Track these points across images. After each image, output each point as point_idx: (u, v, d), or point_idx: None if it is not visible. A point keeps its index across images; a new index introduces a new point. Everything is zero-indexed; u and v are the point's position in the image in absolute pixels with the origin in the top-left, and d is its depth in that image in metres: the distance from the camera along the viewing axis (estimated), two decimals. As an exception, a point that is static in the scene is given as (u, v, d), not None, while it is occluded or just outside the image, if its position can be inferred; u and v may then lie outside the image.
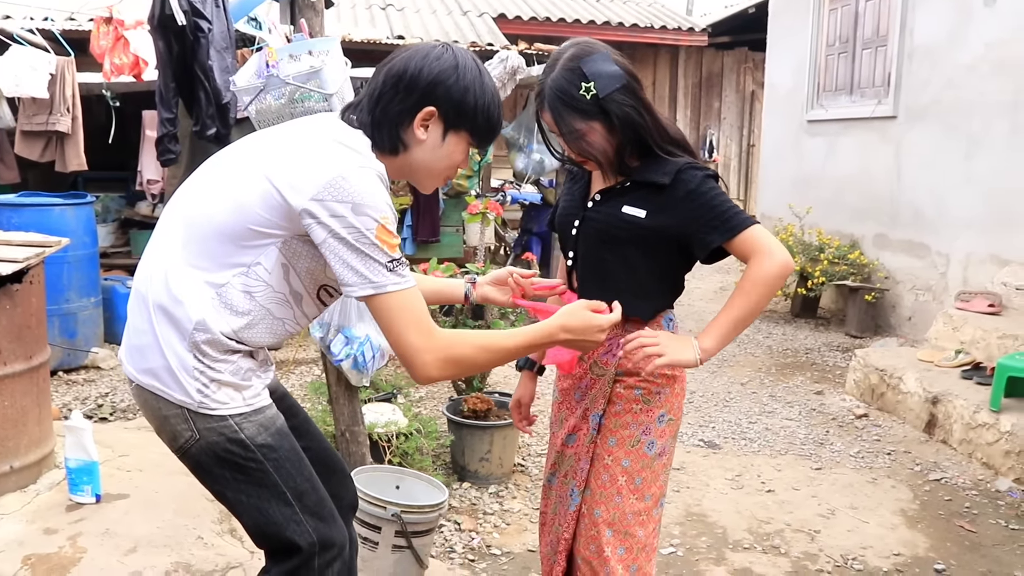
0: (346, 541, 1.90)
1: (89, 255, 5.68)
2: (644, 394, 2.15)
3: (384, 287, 1.62)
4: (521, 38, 10.30)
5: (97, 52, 5.72)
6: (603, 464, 2.16)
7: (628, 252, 2.10)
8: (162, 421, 1.76)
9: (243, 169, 1.73)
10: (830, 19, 8.11)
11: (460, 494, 3.81)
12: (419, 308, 1.66)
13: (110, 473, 3.42)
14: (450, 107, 1.73)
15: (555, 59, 2.05)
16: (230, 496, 1.80)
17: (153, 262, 1.75)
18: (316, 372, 5.64)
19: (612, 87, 1.99)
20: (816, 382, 5.86)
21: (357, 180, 1.61)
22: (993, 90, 5.99)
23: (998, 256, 5.94)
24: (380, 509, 2.70)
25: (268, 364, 1.88)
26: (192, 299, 1.68)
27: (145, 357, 1.74)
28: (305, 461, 1.85)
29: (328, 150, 1.67)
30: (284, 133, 1.79)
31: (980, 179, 6.12)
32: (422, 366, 1.66)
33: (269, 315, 1.75)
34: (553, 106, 2.02)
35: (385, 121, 1.73)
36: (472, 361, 1.73)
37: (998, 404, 4.29)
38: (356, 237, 1.59)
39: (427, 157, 1.78)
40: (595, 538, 2.15)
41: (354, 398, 3.32)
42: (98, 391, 5.11)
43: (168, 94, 4.18)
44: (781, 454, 4.51)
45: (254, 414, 1.77)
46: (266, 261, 1.69)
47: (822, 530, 3.63)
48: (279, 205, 1.64)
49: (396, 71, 1.73)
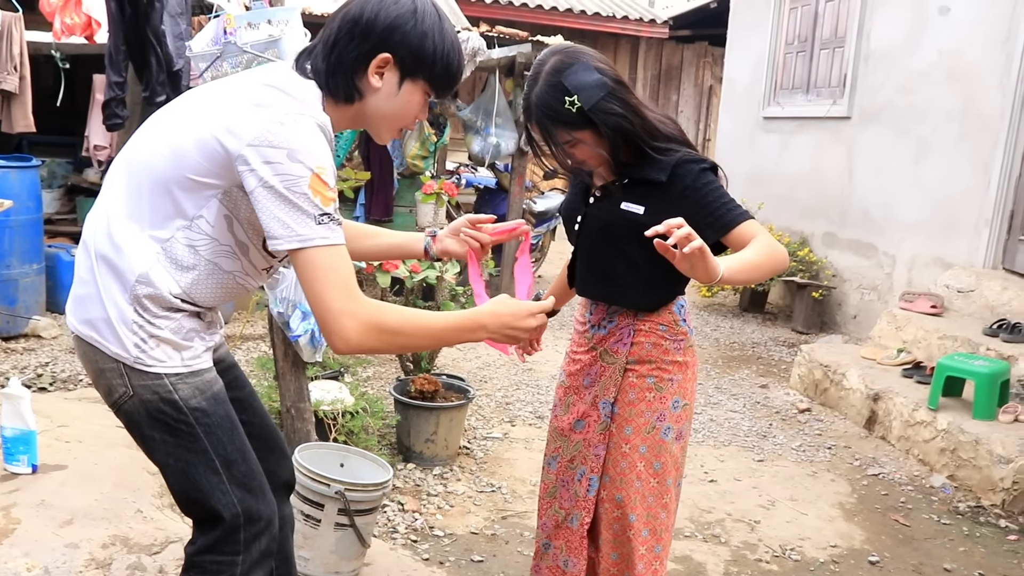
0: (274, 516, 1.85)
1: (33, 220, 5.53)
2: (657, 382, 2.17)
3: (311, 240, 1.54)
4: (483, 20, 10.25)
5: (47, 10, 5.54)
6: (621, 452, 2.19)
7: (629, 248, 2.11)
8: (98, 374, 1.72)
9: (183, 117, 1.67)
10: (790, 18, 8.19)
11: (405, 475, 3.79)
12: (346, 269, 1.58)
13: (48, 443, 3.34)
14: (407, 54, 1.67)
15: (536, 72, 2.03)
16: (158, 458, 1.76)
17: (98, 212, 1.71)
18: (264, 348, 5.57)
19: (596, 97, 1.97)
20: (761, 376, 5.94)
21: (293, 126, 1.55)
22: (943, 96, 6.10)
23: (942, 259, 6.07)
24: (323, 486, 2.68)
25: (215, 327, 1.84)
26: (135, 252, 1.63)
27: (86, 307, 1.69)
28: (239, 431, 1.80)
29: (267, 96, 1.61)
30: (228, 82, 1.73)
31: (928, 183, 6.24)
32: (342, 330, 1.56)
33: (218, 269, 1.70)
34: (540, 122, 2.02)
35: (339, 68, 1.67)
36: (396, 332, 1.61)
37: (936, 403, 4.39)
38: (288, 185, 1.52)
39: (382, 106, 1.72)
40: (619, 520, 2.19)
41: (301, 375, 3.29)
42: (38, 360, 4.99)
43: (118, 57, 4.09)
44: (724, 445, 4.57)
45: (191, 376, 1.72)
46: (208, 214, 1.64)
47: (762, 521, 3.69)
48: (216, 152, 1.58)
49: (352, 16, 1.67)
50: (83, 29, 5.57)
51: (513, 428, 4.54)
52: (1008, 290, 5.29)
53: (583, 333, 2.31)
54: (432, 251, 2.15)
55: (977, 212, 5.78)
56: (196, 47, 3.03)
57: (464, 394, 4.07)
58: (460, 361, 5.64)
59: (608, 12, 12.83)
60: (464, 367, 5.51)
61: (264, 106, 1.59)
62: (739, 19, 9.23)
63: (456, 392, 4.09)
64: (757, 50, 8.55)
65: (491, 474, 3.92)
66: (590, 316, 2.28)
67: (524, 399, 5.02)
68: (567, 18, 12.42)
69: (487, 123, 6.52)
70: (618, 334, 2.19)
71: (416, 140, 6.70)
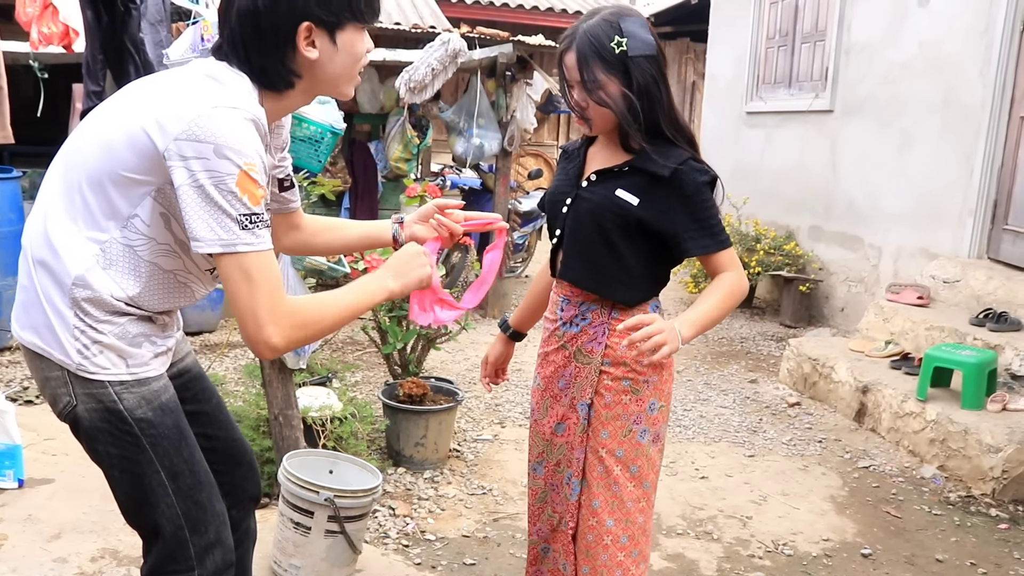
0: (224, 528, 1.81)
1: (14, 232, 5.48)
2: (633, 384, 2.15)
3: (234, 246, 1.49)
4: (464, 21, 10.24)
5: (24, 20, 5.49)
6: (597, 456, 2.16)
7: (615, 237, 2.09)
8: (44, 382, 1.68)
9: (115, 112, 1.62)
10: (770, 12, 8.21)
11: (395, 479, 3.78)
12: (270, 275, 1.53)
13: (34, 457, 3.32)
14: (322, 11, 1.59)
15: (594, 11, 2.04)
16: (104, 469, 1.72)
17: (36, 214, 1.65)
18: (251, 355, 5.54)
19: (642, 51, 1.99)
20: (750, 371, 5.95)
21: (222, 119, 1.49)
22: (925, 88, 6.13)
23: (927, 250, 6.09)
24: (313, 494, 2.67)
25: (169, 329, 1.77)
26: (72, 253, 1.58)
27: (28, 314, 1.65)
28: (187, 442, 1.75)
29: (196, 86, 1.56)
30: (161, 75, 1.67)
31: (911, 174, 6.26)
32: (267, 339, 1.53)
33: (158, 269, 1.64)
34: (581, 50, 1.99)
35: (264, 62, 1.61)
36: (316, 322, 1.61)
37: (924, 394, 4.40)
38: (215, 181, 1.46)
39: (330, 69, 1.66)
40: (594, 528, 2.17)
41: (288, 381, 3.27)
42: (23, 373, 4.95)
43: (95, 66, 4.05)
44: (715, 441, 4.57)
45: (136, 384, 1.67)
46: (142, 212, 1.58)
47: (754, 516, 3.69)
48: (145, 146, 1.52)
49: (246, 8, 1.58)
50: (60, 38, 5.52)
51: (503, 430, 4.53)
52: (993, 279, 5.31)
53: (553, 331, 2.26)
54: (400, 238, 2.08)
55: (961, 202, 5.81)
56: (174, 55, 3.01)
57: (453, 397, 4.06)
58: (449, 364, 5.63)
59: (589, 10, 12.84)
60: (453, 369, 5.50)
61: (193, 97, 1.53)
62: (720, 14, 9.25)
63: (445, 395, 4.08)
64: (739, 45, 8.57)
65: (482, 476, 3.91)
66: (561, 313, 2.23)
67: (513, 400, 5.01)
68: (549, 17, 12.42)
69: (469, 124, 6.51)
70: (591, 332, 2.16)
71: (399, 143, 6.69)
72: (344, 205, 6.95)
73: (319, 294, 1.71)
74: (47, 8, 5.45)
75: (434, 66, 5.93)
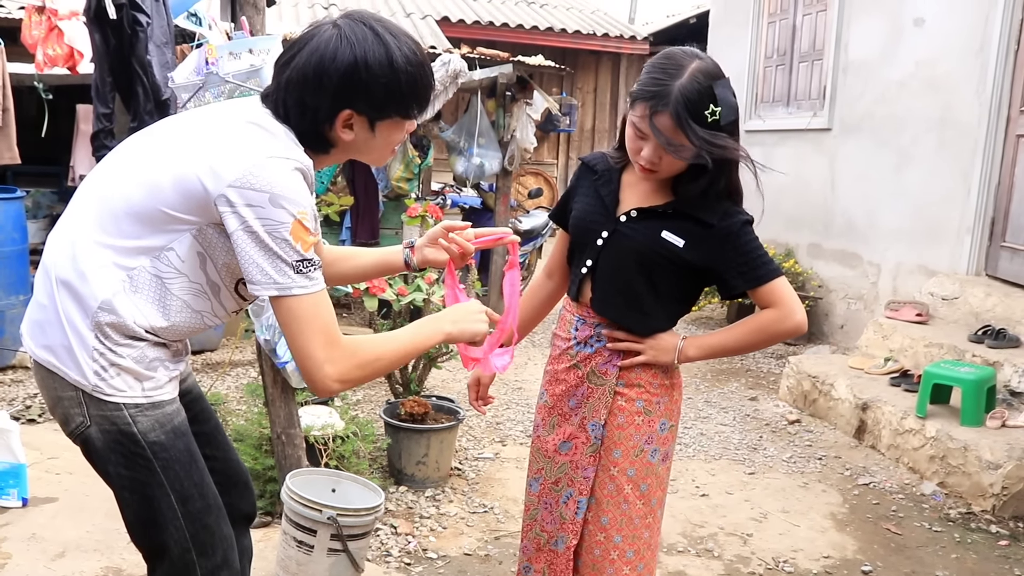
0: (232, 551, 1.84)
1: (18, 251, 5.52)
2: (646, 405, 2.18)
3: (289, 289, 1.55)
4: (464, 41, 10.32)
5: (29, 42, 5.56)
6: (609, 475, 2.19)
7: (658, 276, 2.12)
8: (56, 401, 1.70)
9: (162, 149, 1.65)
10: (768, 32, 8.27)
11: (397, 497, 3.79)
12: (325, 315, 1.59)
13: (38, 476, 3.34)
14: (366, 103, 1.63)
15: (679, 64, 1.98)
16: (114, 489, 1.75)
17: (62, 236, 1.68)
18: (252, 374, 5.56)
19: (730, 119, 2.00)
20: (750, 388, 5.96)
21: (276, 169, 1.54)
22: (922, 106, 6.17)
23: (926, 267, 6.12)
24: (316, 512, 2.68)
25: (181, 356, 1.81)
26: (99, 277, 1.61)
27: (45, 332, 1.66)
28: (198, 465, 1.78)
29: (248, 135, 1.60)
30: (205, 115, 1.71)
31: (909, 192, 6.30)
32: (324, 378, 1.60)
33: (187, 308, 1.68)
34: (677, 115, 1.94)
35: (304, 129, 1.66)
36: (373, 361, 1.67)
37: (924, 410, 4.41)
38: (269, 229, 1.52)
39: (362, 147, 1.72)
40: (602, 543, 2.19)
41: (290, 400, 3.29)
42: (26, 391, 4.97)
43: (104, 88, 4.09)
44: (715, 459, 4.58)
45: (151, 408, 1.69)
46: (179, 248, 1.62)
47: (754, 533, 3.70)
48: (195, 190, 1.56)
49: (297, 80, 1.62)
50: (65, 60, 5.59)
51: (504, 448, 4.55)
52: (991, 296, 5.34)
53: (565, 350, 2.27)
54: (412, 263, 2.12)
55: (959, 219, 5.83)
56: (179, 78, 3.05)
57: (454, 415, 4.08)
58: (449, 382, 5.64)
59: (588, 30, 12.92)
60: (454, 388, 5.52)
61: (247, 146, 1.57)
62: (718, 34, 9.31)
63: (446, 413, 4.10)
64: (737, 64, 8.61)
65: (483, 494, 3.92)
66: (575, 332, 2.24)
67: (514, 418, 5.02)
68: (548, 37, 12.50)
69: (470, 144, 6.55)
70: (606, 354, 2.18)
71: (400, 162, 6.73)
72: (345, 224, 6.98)
73: (377, 335, 1.76)
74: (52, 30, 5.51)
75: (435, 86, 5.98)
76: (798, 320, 2.10)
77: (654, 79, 1.99)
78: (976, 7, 5.70)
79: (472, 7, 12.97)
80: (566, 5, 14.21)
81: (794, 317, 2.10)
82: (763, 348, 2.15)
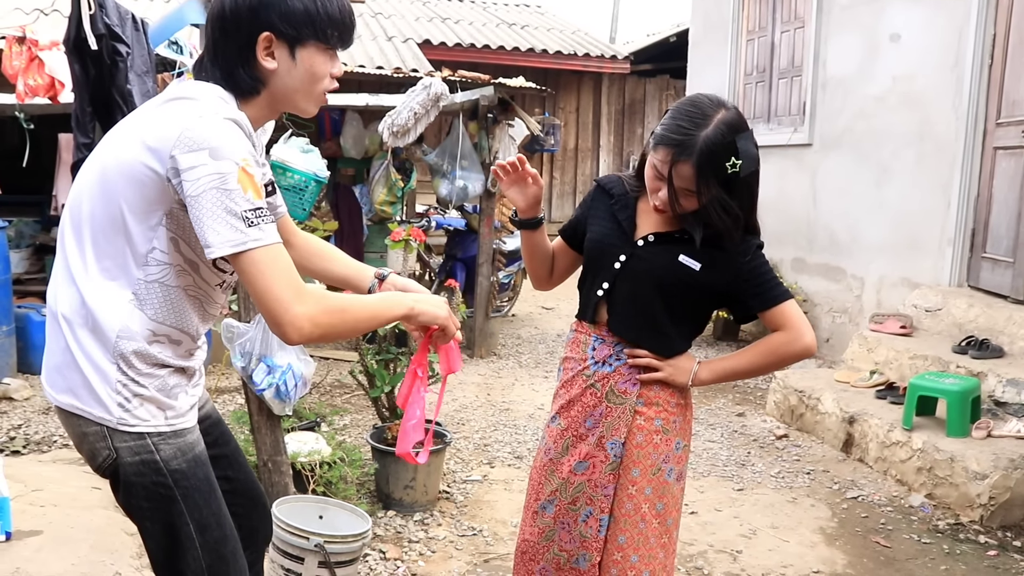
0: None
1: (1, 281, 5.50)
2: (664, 424, 2.23)
3: (244, 244, 1.54)
4: (445, 64, 10.37)
5: (10, 72, 5.55)
6: (627, 493, 2.22)
7: (675, 298, 2.19)
8: (81, 438, 1.71)
9: (99, 158, 1.68)
10: (747, 49, 8.34)
11: (385, 522, 3.77)
12: (286, 264, 1.59)
13: (22, 509, 3.30)
14: (282, 23, 1.65)
15: (705, 113, 2.03)
16: (135, 518, 1.76)
17: (59, 276, 1.70)
18: (239, 401, 5.54)
19: (750, 170, 2.07)
20: (737, 404, 5.97)
21: (208, 124, 1.56)
22: (900, 121, 6.24)
23: (909, 279, 6.16)
24: (303, 540, 2.67)
25: (198, 379, 1.84)
26: (109, 307, 1.63)
27: (63, 376, 1.68)
28: (216, 495, 1.79)
29: (171, 109, 1.62)
30: (132, 115, 1.74)
31: (890, 206, 6.35)
32: (294, 319, 1.57)
33: (185, 295, 1.71)
34: (700, 166, 2.00)
35: (230, 67, 1.68)
36: (342, 310, 1.66)
37: (910, 423, 4.43)
38: (216, 184, 1.52)
39: (287, 82, 1.71)
40: (619, 563, 2.22)
41: (276, 427, 3.28)
42: (10, 423, 4.93)
43: (85, 118, 4.09)
44: (704, 476, 4.58)
45: (174, 436, 1.71)
46: (159, 243, 1.64)
47: (744, 550, 3.70)
48: (146, 177, 1.59)
49: (216, 13, 1.67)
50: (46, 90, 5.57)
51: (492, 470, 4.53)
52: (974, 307, 5.38)
53: (580, 371, 2.28)
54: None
55: (940, 232, 5.89)
56: (159, 106, 3.05)
57: (441, 438, 4.07)
58: (437, 404, 5.63)
59: (569, 50, 13.00)
60: (441, 411, 5.50)
61: (174, 117, 1.59)
62: (698, 52, 9.39)
63: (433, 437, 4.08)
64: (717, 82, 8.69)
65: (472, 517, 3.91)
66: (592, 352, 2.27)
67: (502, 440, 5.01)
68: (530, 58, 12.56)
69: (453, 166, 6.57)
70: (625, 373, 2.22)
71: (383, 186, 6.75)
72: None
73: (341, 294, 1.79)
74: (33, 60, 5.50)
75: (416, 110, 6.01)
76: (807, 342, 2.16)
77: (679, 127, 2.04)
78: (950, 23, 5.78)
79: (454, 29, 13.04)
80: (547, 26, 14.29)
81: (803, 339, 2.16)
82: (774, 371, 2.21)
